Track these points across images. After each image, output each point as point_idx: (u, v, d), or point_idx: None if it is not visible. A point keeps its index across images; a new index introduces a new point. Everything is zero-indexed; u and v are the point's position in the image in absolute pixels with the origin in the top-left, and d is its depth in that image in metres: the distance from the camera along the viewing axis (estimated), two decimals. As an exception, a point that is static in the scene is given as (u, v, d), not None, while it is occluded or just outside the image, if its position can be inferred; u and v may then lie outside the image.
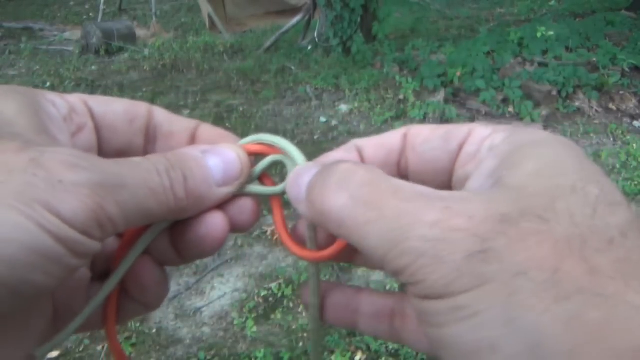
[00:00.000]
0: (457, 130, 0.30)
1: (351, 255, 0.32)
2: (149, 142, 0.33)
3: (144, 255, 0.30)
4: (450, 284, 0.21)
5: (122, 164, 0.26)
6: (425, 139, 0.31)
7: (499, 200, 0.23)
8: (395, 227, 0.23)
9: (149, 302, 0.32)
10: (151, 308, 0.32)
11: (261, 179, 0.33)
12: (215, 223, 0.29)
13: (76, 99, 0.30)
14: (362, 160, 0.32)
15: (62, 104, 0.29)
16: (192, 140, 0.33)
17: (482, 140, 0.28)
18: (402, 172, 0.32)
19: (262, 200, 0.33)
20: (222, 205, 0.30)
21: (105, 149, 0.32)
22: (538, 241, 0.21)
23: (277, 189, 0.32)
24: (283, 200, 0.32)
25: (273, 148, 0.32)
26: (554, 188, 0.23)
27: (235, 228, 0.31)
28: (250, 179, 0.32)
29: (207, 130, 0.33)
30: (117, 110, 0.31)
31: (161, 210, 0.27)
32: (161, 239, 0.30)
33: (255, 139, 0.33)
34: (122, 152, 0.32)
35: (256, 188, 0.32)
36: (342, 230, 0.25)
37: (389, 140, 0.32)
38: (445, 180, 0.30)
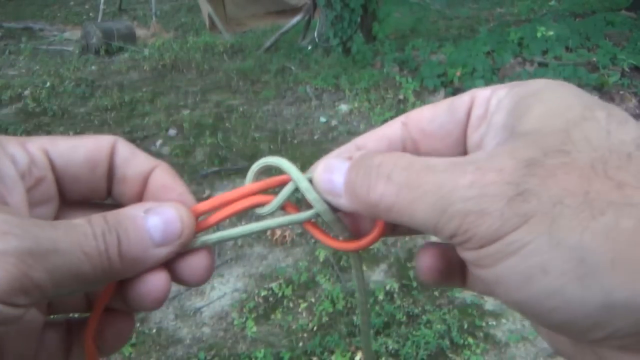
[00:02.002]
0: (459, 100, 0.31)
1: (391, 230, 0.34)
2: (111, 184, 0.33)
3: (112, 309, 0.32)
4: (499, 229, 0.23)
5: (59, 227, 0.26)
6: (431, 118, 0.32)
7: (519, 147, 0.25)
8: (438, 198, 0.25)
9: (107, 352, 0.32)
10: (105, 354, 0.33)
11: (285, 208, 0.34)
12: (154, 283, 0.30)
13: (37, 150, 0.31)
14: None
15: (22, 158, 0.30)
16: (143, 186, 0.33)
17: (486, 100, 0.29)
18: None
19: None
20: (171, 261, 0.31)
21: (69, 197, 0.32)
22: (565, 172, 0.23)
23: (306, 215, 0.33)
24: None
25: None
26: (566, 122, 0.25)
27: (187, 284, 0.32)
28: (274, 210, 0.33)
29: (160, 175, 0.33)
30: (79, 160, 0.31)
31: (96, 273, 0.27)
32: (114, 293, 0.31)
33: (262, 163, 0.34)
34: (86, 198, 0.33)
35: (288, 218, 0.33)
36: (392, 215, 0.27)
37: (389, 131, 0.33)
38: (461, 150, 0.31)
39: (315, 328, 2.31)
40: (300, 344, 2.24)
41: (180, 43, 6.13)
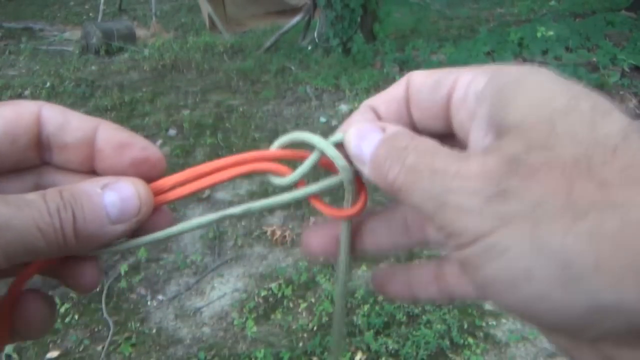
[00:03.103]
0: (445, 79, 0.30)
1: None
2: (45, 151, 0.31)
3: (32, 291, 0.31)
4: (477, 228, 0.23)
5: (12, 202, 0.26)
6: (418, 88, 0.32)
7: (503, 142, 0.24)
8: (430, 185, 0.25)
9: (29, 336, 0.31)
10: (29, 338, 0.32)
11: (297, 185, 0.35)
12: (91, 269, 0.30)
13: None
14: (379, 117, 0.33)
15: None
16: (90, 149, 0.31)
17: (467, 84, 0.29)
18: (413, 121, 0.33)
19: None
20: (60, 266, 0.30)
21: None
22: (547, 171, 0.22)
23: (335, 181, 0.34)
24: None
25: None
26: (550, 113, 0.24)
27: (78, 289, 0.31)
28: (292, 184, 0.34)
29: (110, 134, 0.31)
30: None
31: (50, 249, 0.27)
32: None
33: (290, 139, 0.34)
34: (19, 169, 0.31)
35: (318, 185, 0.34)
36: (400, 195, 0.28)
37: (396, 92, 0.33)
38: (445, 125, 0.31)
39: (315, 328, 2.31)
40: (300, 344, 2.24)
41: (180, 43, 6.13)
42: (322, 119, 4.24)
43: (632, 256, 0.20)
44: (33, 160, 0.31)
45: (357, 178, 0.33)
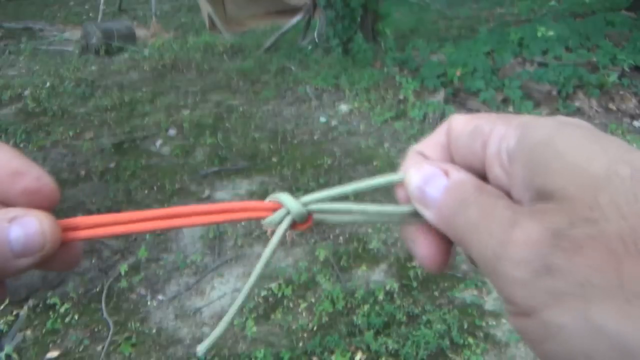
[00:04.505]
0: (482, 129, 0.30)
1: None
2: None
3: None
4: (529, 302, 0.23)
5: None
6: (457, 135, 0.32)
7: (546, 213, 0.24)
8: (484, 248, 0.26)
9: None
10: None
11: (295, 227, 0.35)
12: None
13: None
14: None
15: None
16: None
17: (499, 140, 0.29)
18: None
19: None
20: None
21: None
22: (592, 247, 0.22)
23: (403, 209, 0.33)
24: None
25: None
26: (589, 181, 0.23)
27: (52, 270, 0.32)
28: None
29: (2, 161, 0.30)
30: None
31: None
32: None
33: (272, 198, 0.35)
34: None
35: (387, 208, 0.34)
36: (461, 245, 0.28)
37: (439, 138, 0.34)
38: (483, 171, 0.31)
39: (315, 328, 2.31)
40: (300, 344, 2.24)
41: (180, 43, 6.13)
42: (322, 119, 4.23)
43: None
44: None
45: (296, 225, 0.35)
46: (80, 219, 0.32)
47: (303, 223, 0.34)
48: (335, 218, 0.35)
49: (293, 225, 0.34)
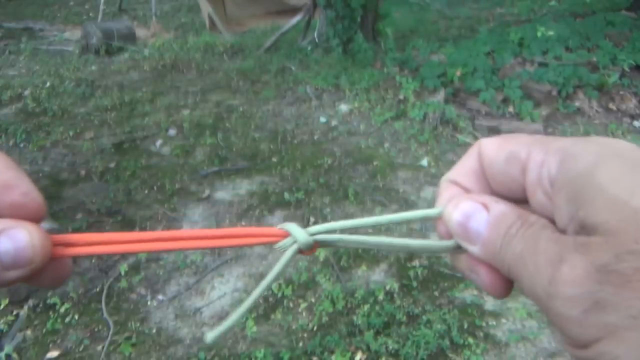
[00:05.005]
0: (517, 155, 0.31)
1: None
2: None
3: None
4: (583, 337, 0.24)
5: None
6: (491, 162, 0.32)
7: (591, 248, 0.25)
8: (532, 284, 0.26)
9: None
10: None
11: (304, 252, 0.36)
12: None
13: None
14: (465, 190, 0.34)
15: None
16: None
17: (539, 166, 0.29)
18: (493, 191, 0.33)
19: None
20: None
21: None
22: None
23: (447, 245, 0.34)
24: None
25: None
26: (632, 214, 0.24)
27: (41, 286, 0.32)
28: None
29: None
30: None
31: None
32: None
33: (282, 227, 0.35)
34: None
35: (428, 243, 0.34)
36: (511, 277, 0.29)
37: (470, 164, 0.33)
38: (523, 196, 0.31)
39: (315, 328, 2.31)
40: (300, 344, 2.24)
41: (180, 43, 6.13)
42: (322, 119, 4.23)
43: None
44: None
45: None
46: (72, 236, 0.32)
47: (309, 250, 0.35)
48: (347, 242, 0.35)
49: (299, 251, 0.35)
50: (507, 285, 0.31)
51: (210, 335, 0.32)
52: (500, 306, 2.43)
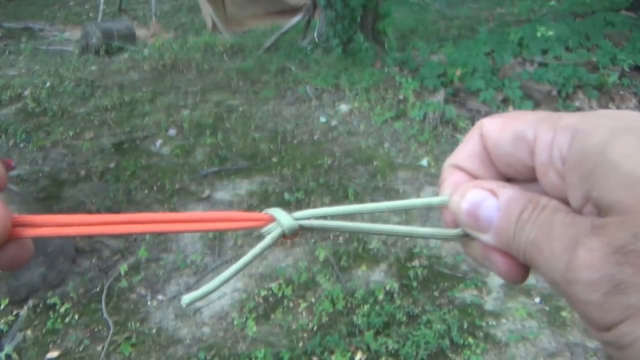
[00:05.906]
0: (525, 134, 0.29)
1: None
2: None
3: None
4: (604, 321, 0.24)
5: None
6: (495, 143, 0.31)
7: (607, 228, 0.24)
8: (549, 270, 0.26)
9: None
10: None
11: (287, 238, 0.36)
12: None
13: None
14: (471, 175, 0.33)
15: None
16: None
17: (549, 146, 0.28)
18: (500, 172, 0.32)
19: None
20: None
21: None
22: None
23: (454, 232, 0.33)
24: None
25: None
26: None
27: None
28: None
29: None
30: None
31: None
32: None
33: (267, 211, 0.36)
34: None
35: (435, 231, 0.34)
36: (527, 263, 0.29)
37: (473, 147, 0.32)
38: (532, 176, 0.30)
39: (315, 328, 2.31)
40: (300, 344, 2.24)
41: (180, 43, 6.13)
42: (322, 119, 4.23)
43: None
44: None
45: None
46: (34, 217, 0.31)
47: (293, 235, 0.35)
48: (334, 227, 0.36)
49: (283, 236, 0.35)
50: (524, 270, 0.30)
51: (185, 298, 0.31)
52: (500, 306, 2.43)
